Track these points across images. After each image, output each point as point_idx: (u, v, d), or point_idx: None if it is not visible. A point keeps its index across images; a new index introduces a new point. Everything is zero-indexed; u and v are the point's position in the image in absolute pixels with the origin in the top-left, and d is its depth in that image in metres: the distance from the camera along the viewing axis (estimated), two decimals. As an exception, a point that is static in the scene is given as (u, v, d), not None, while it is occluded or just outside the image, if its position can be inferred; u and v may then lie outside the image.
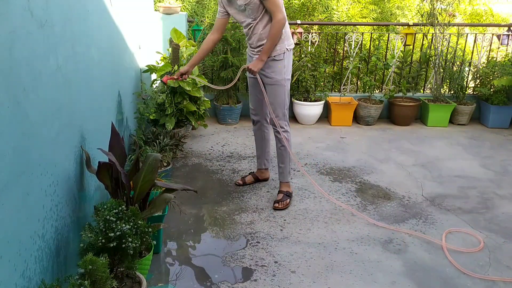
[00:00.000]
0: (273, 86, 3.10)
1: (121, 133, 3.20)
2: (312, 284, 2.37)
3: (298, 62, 5.08)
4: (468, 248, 2.72)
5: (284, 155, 3.26)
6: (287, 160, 3.27)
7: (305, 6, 6.14)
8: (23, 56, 1.48)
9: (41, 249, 1.63)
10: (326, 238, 2.81)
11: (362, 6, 6.68)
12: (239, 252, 2.65)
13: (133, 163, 2.33)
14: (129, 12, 3.67)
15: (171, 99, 3.99)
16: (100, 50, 2.63)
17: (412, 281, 2.42)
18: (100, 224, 1.90)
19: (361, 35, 5.43)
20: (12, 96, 1.40)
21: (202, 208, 3.17)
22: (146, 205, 2.34)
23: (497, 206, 3.30)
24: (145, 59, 4.39)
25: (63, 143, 1.91)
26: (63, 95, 1.91)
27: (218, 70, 5.00)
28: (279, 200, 3.21)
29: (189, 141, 4.42)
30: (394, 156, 4.22)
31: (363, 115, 5.13)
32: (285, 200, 3.21)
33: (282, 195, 3.24)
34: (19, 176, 1.45)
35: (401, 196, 3.41)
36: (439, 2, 5.10)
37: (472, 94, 5.49)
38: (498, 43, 5.52)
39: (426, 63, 5.45)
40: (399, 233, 2.88)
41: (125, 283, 2.00)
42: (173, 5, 4.97)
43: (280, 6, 2.91)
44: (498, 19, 7.34)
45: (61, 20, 1.89)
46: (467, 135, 4.89)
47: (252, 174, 3.60)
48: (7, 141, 1.36)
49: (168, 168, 3.42)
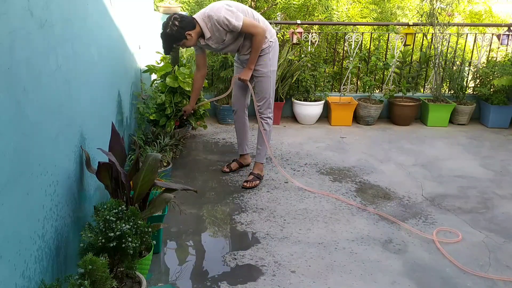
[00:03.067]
0: (260, 78, 3.42)
1: (121, 133, 3.20)
2: (312, 284, 2.37)
3: (298, 62, 5.08)
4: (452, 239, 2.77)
5: (264, 138, 3.54)
6: (266, 142, 3.54)
7: (305, 6, 6.14)
8: (23, 56, 1.47)
9: (41, 249, 1.63)
10: (326, 238, 2.81)
11: (362, 6, 6.68)
12: (239, 252, 2.65)
13: (133, 163, 2.33)
14: (129, 12, 3.67)
15: (171, 99, 3.99)
16: (100, 50, 2.63)
17: (412, 281, 2.42)
18: (100, 224, 1.90)
19: (361, 35, 5.43)
20: (12, 96, 1.40)
21: (202, 208, 3.17)
22: (146, 205, 2.34)
23: (497, 206, 3.30)
24: (145, 59, 4.39)
25: (63, 143, 1.92)
26: (63, 95, 1.91)
27: (218, 70, 5.01)
28: (249, 180, 3.53)
29: (189, 141, 4.42)
30: (394, 156, 4.22)
31: (363, 115, 5.13)
32: (254, 181, 3.53)
33: (253, 176, 3.56)
34: (19, 176, 1.45)
35: (401, 196, 3.41)
36: (438, 1, 5.10)
37: (472, 94, 5.49)
38: (498, 43, 5.52)
39: (426, 63, 5.45)
40: (399, 233, 2.88)
41: (125, 283, 2.00)
42: (173, 5, 4.97)
43: (252, 24, 3.19)
44: (497, 19, 7.35)
45: (61, 20, 1.89)
46: (467, 135, 4.89)
47: (236, 161, 3.87)
48: (7, 141, 1.36)
49: (168, 168, 3.42)
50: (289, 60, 5.10)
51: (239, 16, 3.15)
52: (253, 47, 3.27)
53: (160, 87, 4.07)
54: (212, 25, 3.17)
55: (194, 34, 3.17)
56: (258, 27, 3.20)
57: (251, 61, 3.33)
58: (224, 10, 3.13)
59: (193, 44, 3.25)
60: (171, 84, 3.92)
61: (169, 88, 3.98)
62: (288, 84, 5.09)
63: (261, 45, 3.27)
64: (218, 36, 3.23)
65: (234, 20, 3.12)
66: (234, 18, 3.13)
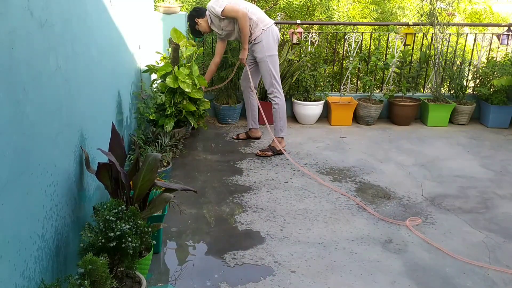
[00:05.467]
0: (259, 63, 4.04)
1: (121, 133, 3.20)
2: (312, 284, 2.37)
3: (298, 62, 5.08)
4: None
5: (275, 115, 4.09)
6: (278, 119, 4.08)
7: (306, 6, 6.14)
8: (23, 56, 1.48)
9: (40, 249, 1.63)
10: (326, 238, 2.81)
11: (363, 6, 6.68)
12: (239, 252, 2.65)
13: (133, 163, 2.33)
14: (129, 12, 3.67)
15: (171, 99, 3.99)
16: (100, 50, 2.63)
17: (412, 281, 2.42)
18: (100, 224, 1.90)
19: (361, 35, 5.43)
20: (12, 96, 1.40)
21: (202, 208, 3.17)
22: (146, 205, 2.34)
23: (497, 206, 3.30)
24: (145, 59, 4.39)
25: (63, 143, 1.92)
26: (63, 95, 1.91)
27: (218, 70, 5.00)
28: (263, 149, 4.10)
29: (189, 141, 4.42)
30: (394, 156, 4.22)
31: (363, 115, 5.13)
32: (267, 151, 4.07)
33: (268, 147, 4.12)
34: (19, 176, 1.45)
35: (401, 196, 3.41)
36: (439, 1, 5.10)
37: (472, 94, 5.49)
38: (498, 43, 5.52)
39: (426, 63, 5.45)
40: (399, 233, 2.88)
41: (125, 283, 2.00)
42: (173, 5, 4.97)
43: (232, 9, 3.82)
44: (497, 18, 7.34)
45: (61, 20, 1.89)
46: (467, 135, 4.89)
47: (245, 133, 4.52)
48: (7, 141, 1.36)
49: (168, 168, 3.42)
50: (289, 60, 5.10)
51: (222, 3, 3.83)
52: (240, 30, 3.90)
53: (160, 87, 4.07)
54: (210, 14, 3.96)
55: (203, 22, 4.01)
56: (238, 11, 3.81)
57: (242, 42, 3.98)
58: (213, 1, 3.90)
59: (205, 29, 4.07)
60: (171, 84, 3.92)
61: (169, 88, 3.98)
62: (288, 84, 5.09)
63: (244, 27, 3.84)
64: (216, 24, 3.98)
65: (217, 7, 3.84)
66: (217, 5, 3.84)
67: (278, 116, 4.06)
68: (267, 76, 4.00)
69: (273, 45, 3.98)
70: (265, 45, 3.93)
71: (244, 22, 3.82)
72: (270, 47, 3.96)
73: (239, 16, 3.80)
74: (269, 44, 3.95)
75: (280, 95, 4.06)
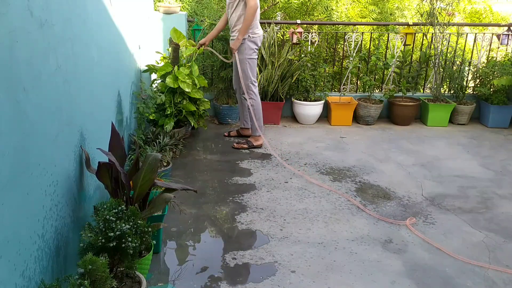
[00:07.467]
0: (239, 62, 4.11)
1: (121, 133, 3.20)
2: (312, 284, 2.37)
3: (298, 62, 5.08)
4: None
5: (251, 115, 4.24)
6: (253, 119, 4.20)
7: (305, 5, 6.14)
8: (23, 56, 1.47)
9: (40, 249, 1.63)
10: (326, 238, 2.81)
11: (362, 6, 6.68)
12: (239, 252, 2.65)
13: (133, 163, 2.33)
14: (129, 12, 3.67)
15: (171, 99, 3.99)
16: (100, 50, 2.63)
17: (412, 281, 2.42)
18: (100, 224, 1.90)
19: (361, 35, 5.43)
20: (12, 96, 1.40)
21: (202, 208, 3.17)
22: (146, 205, 2.34)
23: (497, 206, 3.30)
24: (145, 59, 4.39)
25: (63, 143, 1.91)
26: (63, 95, 1.91)
27: (218, 70, 5.01)
28: (240, 141, 4.32)
29: (189, 140, 4.42)
30: (394, 156, 4.22)
31: (363, 115, 5.13)
32: (242, 144, 4.27)
33: (245, 141, 4.31)
34: (19, 176, 1.45)
35: (400, 196, 3.41)
36: (439, 1, 5.10)
37: (472, 94, 5.49)
38: (498, 43, 5.52)
39: (426, 63, 5.45)
40: (399, 233, 2.88)
41: (125, 283, 2.00)
42: (173, 5, 4.97)
43: None
44: (497, 18, 7.34)
45: (61, 20, 1.89)
46: (467, 135, 4.89)
47: (236, 131, 4.62)
48: (7, 141, 1.36)
49: (168, 168, 3.42)
50: (289, 60, 5.10)
51: None
52: (244, 19, 3.92)
53: (160, 87, 4.07)
54: None
55: None
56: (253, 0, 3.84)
57: (240, 31, 3.97)
58: None
59: None
60: (171, 84, 3.92)
61: (169, 88, 3.98)
62: (288, 84, 5.09)
63: (248, 17, 3.88)
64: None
65: None
66: None
67: (254, 116, 4.18)
68: (244, 78, 4.12)
69: (255, 51, 4.12)
70: (246, 48, 4.04)
71: (252, 13, 3.87)
72: (251, 53, 4.08)
73: (251, 4, 3.84)
74: (251, 50, 4.07)
75: (255, 97, 4.18)
